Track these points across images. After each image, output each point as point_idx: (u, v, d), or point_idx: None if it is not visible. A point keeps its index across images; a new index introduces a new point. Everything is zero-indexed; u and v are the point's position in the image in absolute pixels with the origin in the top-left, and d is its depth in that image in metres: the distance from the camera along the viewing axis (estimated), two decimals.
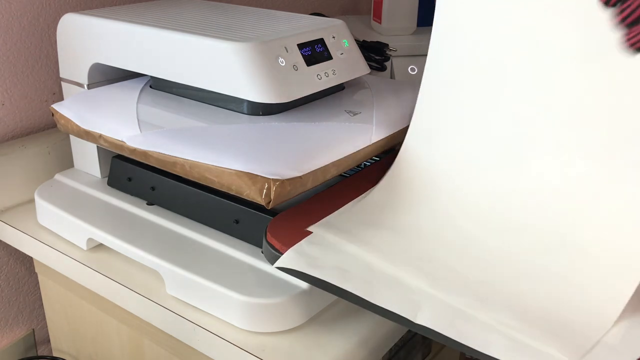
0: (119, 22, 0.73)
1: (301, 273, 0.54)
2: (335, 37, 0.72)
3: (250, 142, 0.61)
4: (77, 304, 0.80)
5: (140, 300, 0.67)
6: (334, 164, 0.61)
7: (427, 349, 0.84)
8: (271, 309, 0.60)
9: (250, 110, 0.68)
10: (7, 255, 0.88)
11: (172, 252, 0.67)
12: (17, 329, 0.93)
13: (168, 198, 0.74)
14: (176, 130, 0.64)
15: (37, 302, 0.94)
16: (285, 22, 0.73)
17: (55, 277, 0.80)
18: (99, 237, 0.72)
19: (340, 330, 0.61)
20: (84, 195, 0.79)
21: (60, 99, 0.91)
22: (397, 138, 0.70)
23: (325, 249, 0.57)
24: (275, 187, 0.55)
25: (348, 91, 0.77)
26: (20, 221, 0.81)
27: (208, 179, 0.59)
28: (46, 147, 0.87)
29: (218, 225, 0.70)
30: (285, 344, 0.60)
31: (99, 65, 0.77)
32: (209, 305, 0.63)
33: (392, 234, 0.59)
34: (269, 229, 0.60)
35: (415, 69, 1.09)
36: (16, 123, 0.88)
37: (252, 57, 0.63)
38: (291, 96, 0.65)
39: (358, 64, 0.74)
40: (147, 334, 0.71)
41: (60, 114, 0.72)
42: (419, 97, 0.68)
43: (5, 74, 0.85)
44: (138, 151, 0.64)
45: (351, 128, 0.66)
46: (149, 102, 0.72)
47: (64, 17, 0.77)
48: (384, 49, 1.04)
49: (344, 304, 0.65)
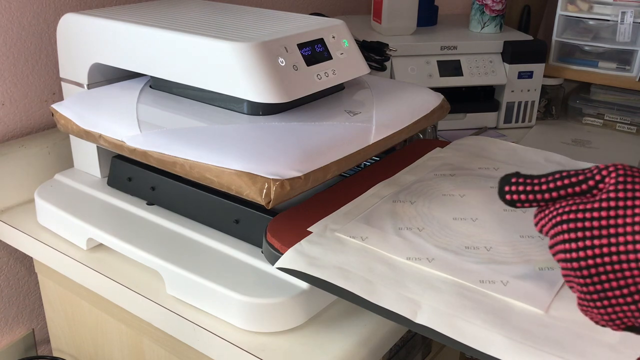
0: (119, 22, 0.73)
1: (301, 273, 0.54)
2: (335, 37, 0.72)
3: (250, 142, 0.61)
4: (77, 304, 0.80)
5: (140, 300, 0.67)
6: (333, 164, 0.61)
7: (427, 349, 0.84)
8: (271, 309, 0.59)
9: (250, 110, 0.68)
10: (7, 255, 0.88)
11: (172, 252, 0.67)
12: (17, 329, 0.93)
13: (168, 198, 0.74)
14: (176, 130, 0.64)
15: (37, 302, 0.94)
16: (285, 22, 0.73)
17: (55, 277, 0.80)
18: (99, 237, 0.72)
19: (340, 330, 0.61)
20: (84, 195, 0.79)
21: (60, 99, 0.91)
22: (397, 138, 0.70)
23: (325, 248, 0.57)
24: (275, 187, 0.55)
25: (348, 91, 0.77)
26: (20, 221, 0.81)
27: (208, 179, 0.59)
28: (46, 147, 0.87)
29: (218, 225, 0.70)
30: (285, 344, 0.60)
31: (99, 65, 0.77)
32: (209, 305, 0.63)
33: (393, 234, 0.59)
34: (269, 229, 0.60)
35: (415, 69, 1.09)
36: (16, 123, 0.88)
37: (252, 57, 0.63)
38: (291, 96, 0.65)
39: (358, 64, 0.74)
40: (147, 334, 0.71)
41: (60, 113, 0.72)
42: None
43: (5, 74, 0.85)
44: (138, 151, 0.64)
45: (351, 128, 0.66)
46: (149, 102, 0.72)
47: (64, 17, 0.77)
48: (384, 49, 1.04)
49: (344, 304, 0.65)
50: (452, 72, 1.10)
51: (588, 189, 0.43)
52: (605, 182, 0.42)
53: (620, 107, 1.17)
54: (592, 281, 0.42)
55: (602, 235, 0.41)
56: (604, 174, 0.43)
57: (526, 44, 1.12)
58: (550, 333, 0.47)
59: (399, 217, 0.62)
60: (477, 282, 0.52)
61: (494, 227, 0.61)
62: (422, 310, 0.50)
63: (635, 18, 1.10)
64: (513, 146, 0.80)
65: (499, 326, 0.48)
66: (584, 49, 1.18)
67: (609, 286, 0.41)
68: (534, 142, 1.10)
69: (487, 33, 1.18)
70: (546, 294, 0.51)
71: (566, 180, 0.44)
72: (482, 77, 1.11)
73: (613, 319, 0.42)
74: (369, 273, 0.54)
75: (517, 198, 0.46)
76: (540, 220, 0.46)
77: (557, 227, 0.44)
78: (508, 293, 0.51)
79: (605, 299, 0.42)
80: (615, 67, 1.15)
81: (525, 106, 1.15)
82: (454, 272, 0.54)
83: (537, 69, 1.12)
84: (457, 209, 0.64)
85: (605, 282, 0.41)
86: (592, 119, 1.20)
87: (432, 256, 0.56)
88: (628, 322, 0.42)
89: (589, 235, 0.41)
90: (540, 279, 0.53)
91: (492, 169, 0.73)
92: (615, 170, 0.42)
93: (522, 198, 0.46)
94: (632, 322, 0.42)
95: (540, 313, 0.49)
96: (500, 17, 1.17)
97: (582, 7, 1.16)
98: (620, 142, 1.12)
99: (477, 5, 1.18)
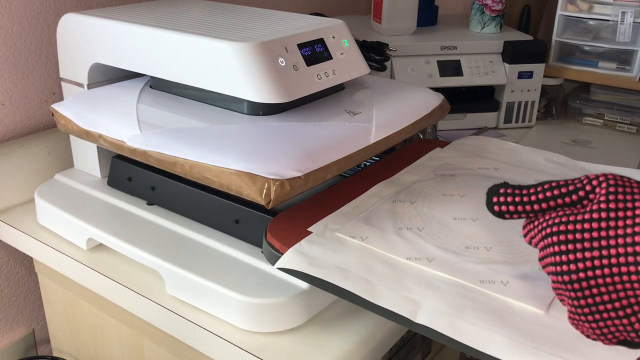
0: (119, 22, 0.73)
1: (301, 273, 0.54)
2: (335, 37, 0.72)
3: (250, 142, 0.61)
4: (77, 304, 0.80)
5: (140, 300, 0.67)
6: (333, 164, 0.61)
7: (427, 348, 0.84)
8: (271, 309, 0.59)
9: (250, 110, 0.68)
10: (7, 255, 0.88)
11: (172, 252, 0.67)
12: (17, 329, 0.93)
13: (168, 198, 0.74)
14: (176, 130, 0.64)
15: (37, 302, 0.94)
16: (285, 22, 0.73)
17: (55, 277, 0.80)
18: (99, 237, 0.72)
19: (340, 330, 0.61)
20: (84, 195, 0.79)
21: (60, 99, 0.91)
22: (397, 138, 0.70)
23: (325, 248, 0.57)
24: (275, 187, 0.55)
25: (348, 91, 0.77)
26: (20, 221, 0.81)
27: (208, 179, 0.59)
28: (46, 147, 0.87)
29: (218, 225, 0.70)
30: (285, 344, 0.60)
31: (99, 65, 0.77)
32: (209, 305, 0.63)
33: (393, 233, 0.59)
34: (269, 229, 0.60)
35: (415, 69, 1.09)
36: (16, 123, 0.88)
37: (252, 57, 0.63)
38: (291, 96, 0.65)
39: (358, 64, 0.74)
40: (147, 334, 0.71)
41: (60, 113, 0.72)
42: None
43: (5, 74, 0.85)
44: (138, 151, 0.64)
45: (351, 128, 0.66)
46: (149, 102, 0.72)
47: (64, 17, 0.77)
48: (384, 49, 1.04)
49: (344, 304, 0.65)
50: (452, 72, 1.10)
51: (578, 200, 0.42)
52: (596, 193, 0.41)
53: (620, 107, 1.17)
54: (583, 294, 0.41)
55: (593, 247, 0.40)
56: (595, 184, 0.42)
57: (526, 44, 1.12)
58: (550, 333, 0.47)
59: (399, 217, 0.62)
60: (477, 282, 0.52)
61: (494, 227, 0.61)
62: (422, 310, 0.50)
63: (635, 18, 1.10)
64: (513, 146, 0.80)
65: (499, 326, 0.48)
66: (584, 49, 1.18)
67: (600, 300, 0.40)
68: (534, 142, 1.10)
69: (487, 33, 1.18)
70: (546, 294, 0.51)
71: (556, 191, 0.43)
72: (482, 77, 1.11)
73: (605, 333, 0.41)
74: (369, 273, 0.54)
75: (506, 209, 0.45)
76: (529, 232, 0.45)
77: (546, 239, 0.43)
78: (508, 293, 0.51)
79: (597, 313, 0.41)
80: (615, 67, 1.15)
81: (525, 106, 1.15)
82: (454, 272, 0.54)
83: (537, 69, 1.12)
84: (457, 209, 0.64)
85: (596, 296, 0.40)
86: (592, 119, 1.20)
87: (432, 256, 0.56)
88: (620, 337, 0.41)
89: (580, 247, 0.40)
90: (540, 279, 0.53)
91: (492, 169, 0.73)
92: (605, 180, 0.41)
93: (511, 209, 0.45)
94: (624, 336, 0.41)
95: (540, 313, 0.49)
96: (500, 17, 1.17)
97: (582, 7, 1.16)
98: (620, 142, 1.12)
99: (477, 5, 1.18)
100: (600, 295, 0.40)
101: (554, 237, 0.42)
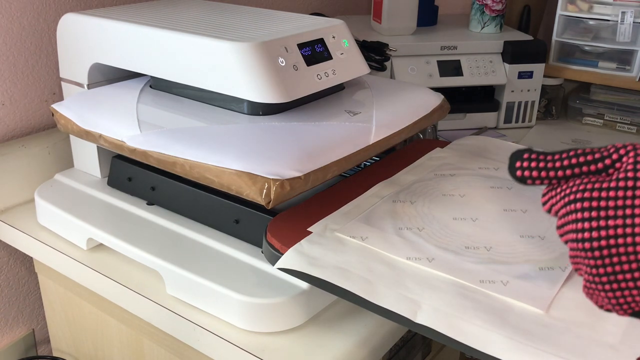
0: (119, 22, 0.73)
1: (301, 273, 0.54)
2: (335, 37, 0.72)
3: (250, 142, 0.61)
4: (77, 304, 0.80)
5: (140, 300, 0.67)
6: (334, 164, 0.61)
7: (427, 348, 0.84)
8: (271, 309, 0.59)
9: (250, 110, 0.68)
10: (7, 255, 0.88)
11: (172, 252, 0.67)
12: (17, 329, 0.93)
13: (168, 198, 0.74)
14: (176, 130, 0.64)
15: (37, 302, 0.94)
16: (285, 22, 0.73)
17: (55, 277, 0.80)
18: (99, 237, 0.72)
19: (340, 330, 0.61)
20: (84, 195, 0.79)
21: (60, 99, 0.91)
22: (397, 138, 0.70)
23: (325, 248, 0.57)
24: (275, 187, 0.55)
25: (348, 91, 0.77)
26: (20, 221, 0.81)
27: (208, 179, 0.59)
28: (46, 147, 0.87)
29: (218, 225, 0.70)
30: (285, 344, 0.60)
31: (99, 65, 0.77)
32: (209, 305, 0.63)
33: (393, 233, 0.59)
34: (269, 229, 0.60)
35: (415, 69, 1.09)
36: (16, 123, 0.88)
37: (252, 57, 0.63)
38: (291, 96, 0.65)
39: (358, 64, 0.74)
40: (147, 334, 0.71)
41: (60, 113, 0.72)
42: None
43: (5, 74, 0.85)
44: (138, 151, 0.64)
45: (351, 128, 0.66)
46: (149, 102, 0.72)
47: (64, 17, 0.77)
48: (384, 49, 1.04)
49: (344, 304, 0.65)
50: (452, 72, 1.10)
51: (604, 168, 0.41)
52: (623, 162, 0.41)
53: (620, 107, 1.17)
54: (602, 263, 0.40)
55: (617, 215, 0.39)
56: (622, 153, 0.41)
57: (526, 44, 1.12)
58: (550, 333, 0.47)
59: (399, 217, 0.62)
60: (477, 282, 0.52)
61: (494, 227, 0.61)
62: (422, 310, 0.50)
63: (635, 18, 1.10)
64: (513, 146, 0.80)
65: (499, 326, 0.48)
66: (584, 49, 1.18)
67: (620, 269, 0.39)
68: (534, 142, 1.10)
69: (487, 33, 1.18)
70: (546, 294, 0.51)
71: (581, 158, 0.42)
72: (482, 77, 1.11)
73: (621, 302, 0.41)
74: (369, 273, 0.54)
75: (529, 174, 0.43)
76: (550, 199, 0.44)
77: (568, 205, 0.42)
78: (508, 293, 0.51)
79: (615, 282, 0.40)
80: (615, 67, 1.15)
81: (525, 106, 1.15)
82: (454, 272, 0.54)
83: (537, 69, 1.12)
84: (457, 209, 0.64)
85: (616, 265, 0.39)
86: (592, 119, 1.20)
87: (432, 256, 0.56)
88: (635, 307, 0.41)
89: (604, 215, 0.39)
90: (540, 279, 0.53)
91: (492, 169, 0.73)
92: (633, 149, 0.40)
93: (534, 175, 0.43)
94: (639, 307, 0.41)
95: (540, 313, 0.49)
96: (500, 17, 1.17)
97: (582, 7, 1.16)
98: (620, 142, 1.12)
99: (477, 5, 1.18)
100: (620, 264, 0.40)
101: (577, 203, 0.41)
